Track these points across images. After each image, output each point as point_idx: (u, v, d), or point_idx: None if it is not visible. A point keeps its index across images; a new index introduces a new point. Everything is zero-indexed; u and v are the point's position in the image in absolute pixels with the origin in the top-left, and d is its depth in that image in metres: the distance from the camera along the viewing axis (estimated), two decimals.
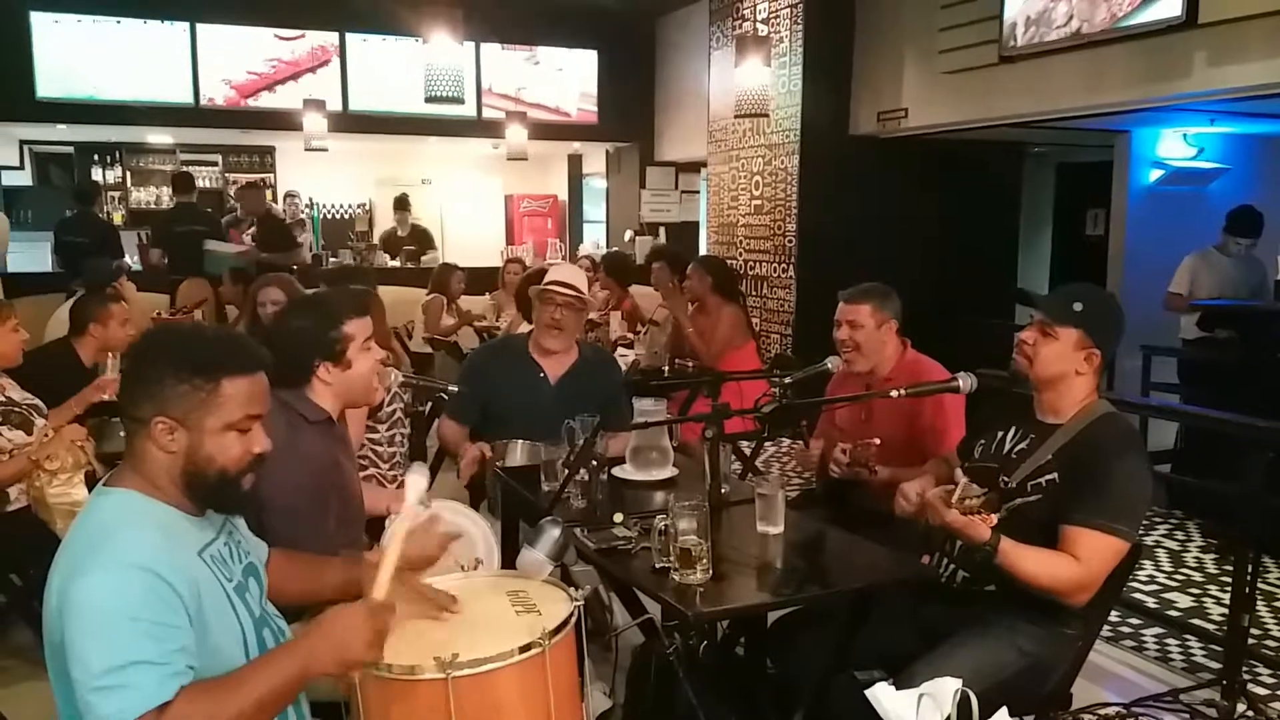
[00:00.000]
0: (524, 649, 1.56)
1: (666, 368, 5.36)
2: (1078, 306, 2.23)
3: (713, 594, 2.05)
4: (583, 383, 3.37)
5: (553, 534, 1.88)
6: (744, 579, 2.18)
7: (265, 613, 1.66)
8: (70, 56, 8.13)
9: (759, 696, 2.55)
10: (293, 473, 2.03)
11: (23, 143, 9.83)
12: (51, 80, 8.11)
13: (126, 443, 1.57)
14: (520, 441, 3.10)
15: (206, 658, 1.45)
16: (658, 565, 2.14)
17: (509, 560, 2.20)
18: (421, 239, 9.55)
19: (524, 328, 3.74)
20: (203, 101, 8.55)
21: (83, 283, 5.73)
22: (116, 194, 10.09)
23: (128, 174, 10.23)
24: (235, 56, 8.62)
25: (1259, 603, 3.64)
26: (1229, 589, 3.16)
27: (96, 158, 10.08)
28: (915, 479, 2.50)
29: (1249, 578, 3.04)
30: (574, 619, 1.67)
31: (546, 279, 3.44)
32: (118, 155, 10.16)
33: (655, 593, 2.09)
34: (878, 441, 2.87)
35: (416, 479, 1.70)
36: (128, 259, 8.12)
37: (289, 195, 10.04)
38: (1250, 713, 2.98)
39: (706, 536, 2.08)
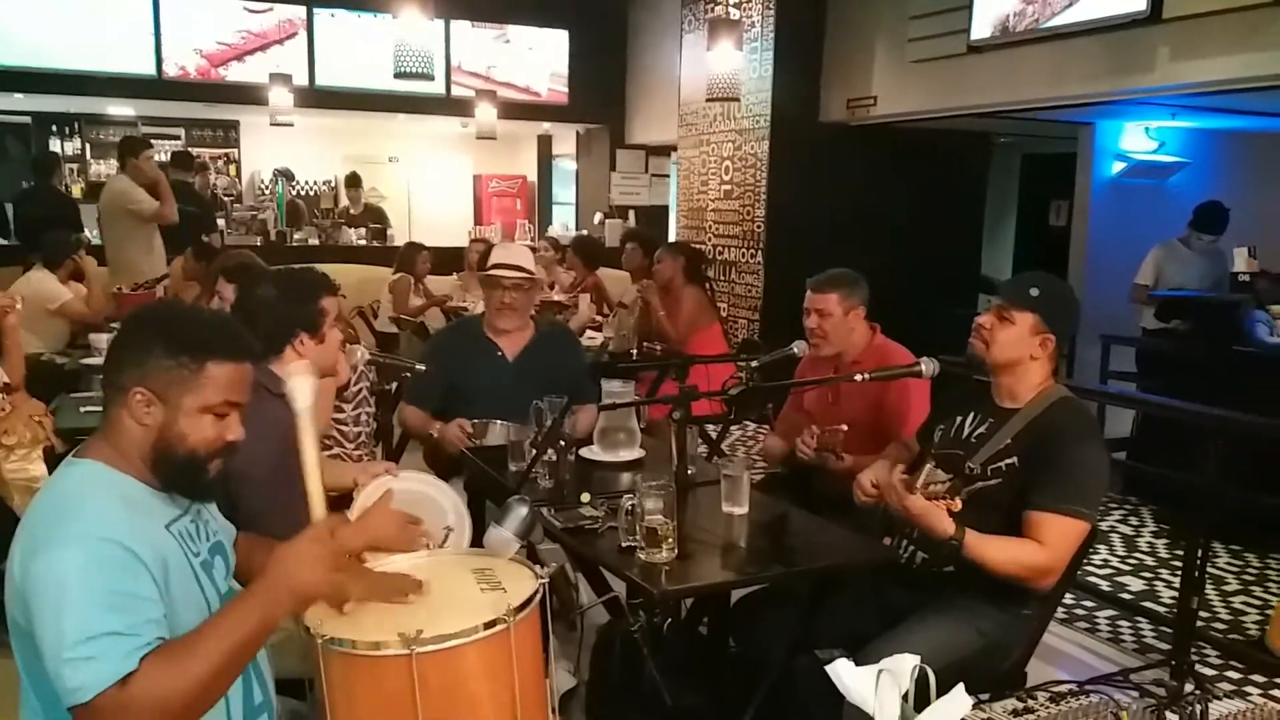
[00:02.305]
0: (489, 625, 1.56)
1: (635, 350, 5.37)
2: (1034, 292, 2.28)
3: (678, 573, 2.07)
4: (541, 358, 3.37)
5: (520, 513, 1.88)
6: (709, 558, 2.20)
7: (232, 589, 1.65)
8: (27, 24, 7.94)
9: (722, 674, 2.58)
10: (259, 442, 2.02)
11: None
12: (7, 48, 7.90)
13: (103, 411, 1.56)
14: (498, 422, 3.10)
15: (174, 631, 1.44)
16: (624, 544, 2.16)
17: (478, 534, 2.21)
18: (376, 216, 9.53)
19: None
20: (165, 73, 8.40)
21: (41, 256, 5.62)
22: (75, 166, 9.90)
23: (87, 146, 10.02)
24: (199, 28, 8.45)
25: (1208, 586, 3.74)
26: (1180, 573, 3.24)
27: (55, 129, 9.87)
28: (871, 468, 2.53)
29: (1199, 562, 3.11)
30: (539, 596, 1.68)
31: (491, 262, 3.41)
32: (76, 127, 9.95)
33: (621, 571, 2.11)
34: (845, 428, 2.90)
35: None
36: (87, 233, 7.98)
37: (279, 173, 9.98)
38: (1197, 692, 3.06)
39: (672, 516, 2.10)
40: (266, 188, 10.39)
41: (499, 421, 3.10)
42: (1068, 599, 3.67)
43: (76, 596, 1.35)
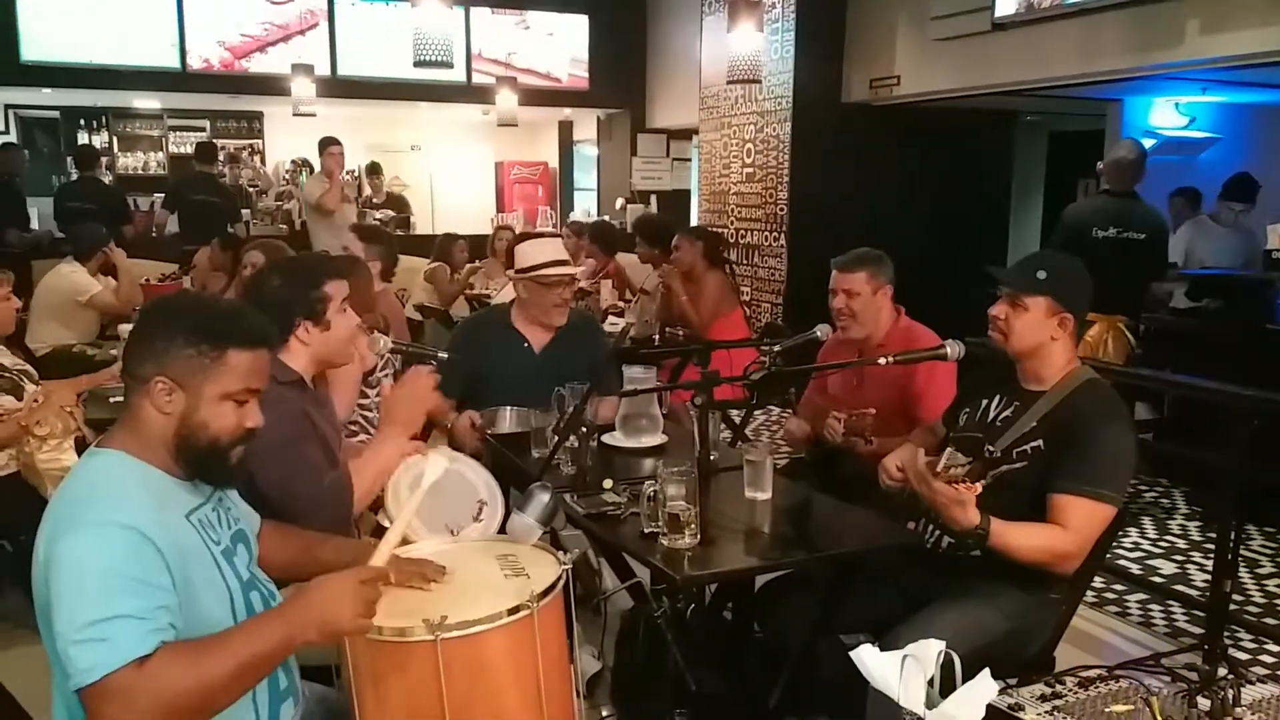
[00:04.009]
0: (512, 611, 1.57)
1: (657, 336, 5.36)
2: (1042, 275, 2.25)
3: (700, 558, 2.07)
4: (567, 349, 3.35)
5: (542, 499, 1.89)
6: (732, 544, 2.20)
7: (254, 577, 1.66)
8: (55, 19, 8.01)
9: (746, 659, 2.58)
10: (265, 430, 2.02)
11: (8, 107, 9.71)
12: (36, 44, 7.99)
13: (124, 401, 1.58)
14: (507, 408, 3.10)
15: (194, 620, 1.46)
16: (646, 530, 2.16)
17: (505, 511, 2.22)
18: (397, 204, 9.59)
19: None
20: (189, 66, 8.45)
21: (71, 249, 5.69)
22: (104, 160, 10.00)
23: (114, 139, 10.12)
24: (222, 20, 8.50)
25: (1241, 569, 3.69)
26: (1212, 556, 3.20)
27: (83, 123, 9.97)
28: (896, 451, 2.52)
29: (1232, 544, 3.07)
30: (562, 582, 1.68)
31: (537, 261, 3.30)
32: (104, 120, 10.05)
33: (644, 557, 2.11)
34: (873, 411, 2.88)
35: (436, 459, 1.77)
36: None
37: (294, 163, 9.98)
38: (1230, 676, 3.02)
39: (695, 502, 2.10)
40: (289, 178, 10.45)
41: (508, 408, 3.09)
42: (1098, 582, 3.64)
43: (93, 579, 1.36)
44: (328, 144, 6.97)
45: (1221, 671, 3.01)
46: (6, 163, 7.62)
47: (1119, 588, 3.76)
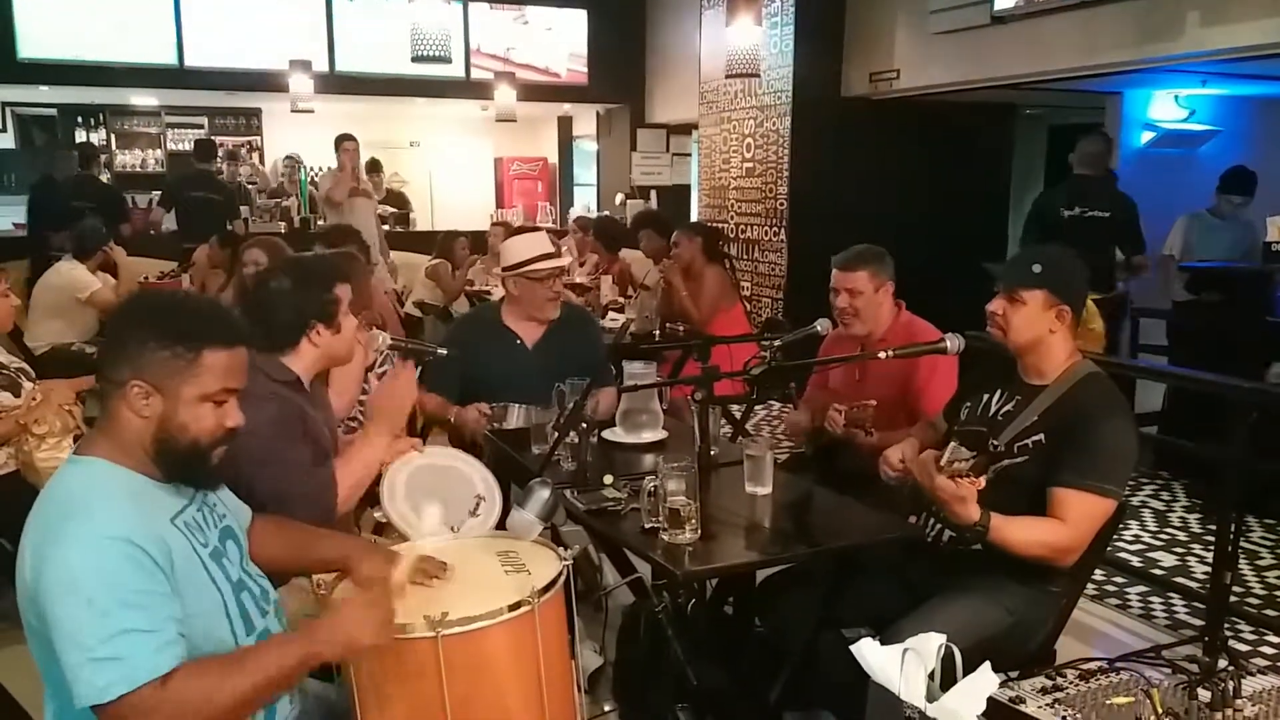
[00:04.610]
0: (513, 607, 1.57)
1: (657, 331, 5.36)
2: (1037, 268, 2.25)
3: (701, 553, 2.07)
4: (560, 343, 3.34)
5: (542, 495, 1.89)
6: (732, 539, 2.20)
7: (244, 575, 1.64)
8: (52, 16, 8.00)
9: (747, 654, 2.58)
10: (264, 429, 2.01)
11: (5, 105, 9.70)
12: (33, 41, 7.98)
13: (101, 406, 1.54)
14: (517, 405, 3.10)
15: (187, 625, 1.44)
16: (647, 525, 2.16)
17: (505, 507, 2.22)
18: (397, 201, 9.59)
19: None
20: (186, 62, 8.43)
21: (72, 246, 5.68)
22: (102, 157, 9.99)
23: (112, 137, 10.11)
24: (219, 16, 8.49)
25: (1241, 561, 3.69)
26: (1212, 548, 3.20)
27: (80, 120, 9.96)
28: (897, 445, 2.52)
29: (1232, 536, 3.07)
30: (563, 578, 1.68)
31: (526, 258, 3.28)
32: (102, 118, 10.04)
33: (644, 552, 2.11)
34: (874, 403, 2.88)
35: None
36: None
37: (288, 159, 10.01)
38: (1231, 668, 3.02)
39: (695, 497, 2.10)
40: (286, 175, 10.45)
41: (517, 405, 3.09)
42: (1098, 575, 3.64)
43: (93, 598, 1.34)
44: (343, 139, 7.10)
45: (1222, 663, 3.04)
46: (59, 165, 7.70)
47: (1119, 580, 3.75)
